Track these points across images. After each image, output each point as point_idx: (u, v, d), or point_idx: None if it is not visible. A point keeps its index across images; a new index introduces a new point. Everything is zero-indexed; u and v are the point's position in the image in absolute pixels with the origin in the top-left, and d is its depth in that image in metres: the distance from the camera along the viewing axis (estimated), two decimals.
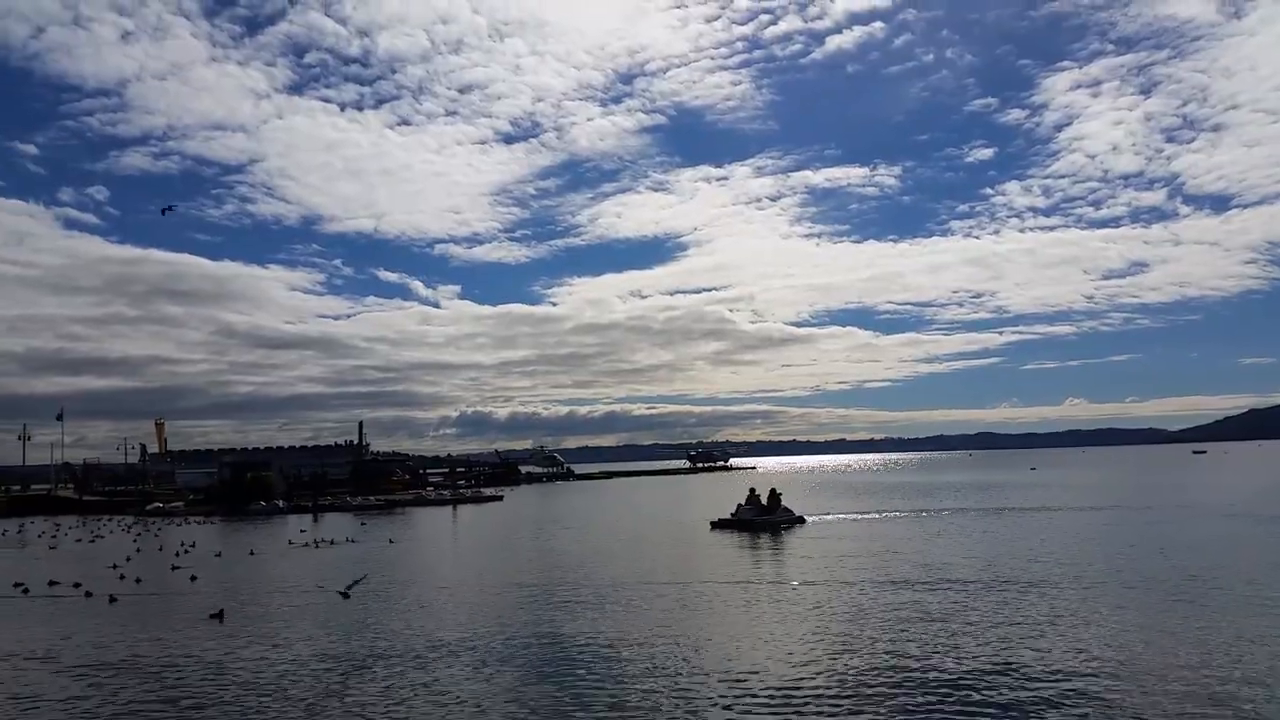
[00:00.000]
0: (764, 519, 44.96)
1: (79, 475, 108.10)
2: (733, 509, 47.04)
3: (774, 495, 47.19)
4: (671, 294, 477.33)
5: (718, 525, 45.69)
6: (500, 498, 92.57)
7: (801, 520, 46.32)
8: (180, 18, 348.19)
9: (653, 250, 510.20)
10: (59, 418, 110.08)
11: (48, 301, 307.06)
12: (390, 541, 46.12)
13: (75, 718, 14.87)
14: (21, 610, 26.52)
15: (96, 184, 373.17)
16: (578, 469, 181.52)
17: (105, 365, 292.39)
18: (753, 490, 48.32)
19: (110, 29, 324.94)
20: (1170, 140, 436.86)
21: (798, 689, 15.08)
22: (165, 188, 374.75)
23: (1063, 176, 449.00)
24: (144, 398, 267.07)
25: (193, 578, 31.17)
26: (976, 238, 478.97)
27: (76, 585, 30.28)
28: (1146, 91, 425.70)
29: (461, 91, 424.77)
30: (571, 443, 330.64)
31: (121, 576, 32.38)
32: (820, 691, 14.92)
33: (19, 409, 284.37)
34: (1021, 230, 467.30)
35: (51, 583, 31.11)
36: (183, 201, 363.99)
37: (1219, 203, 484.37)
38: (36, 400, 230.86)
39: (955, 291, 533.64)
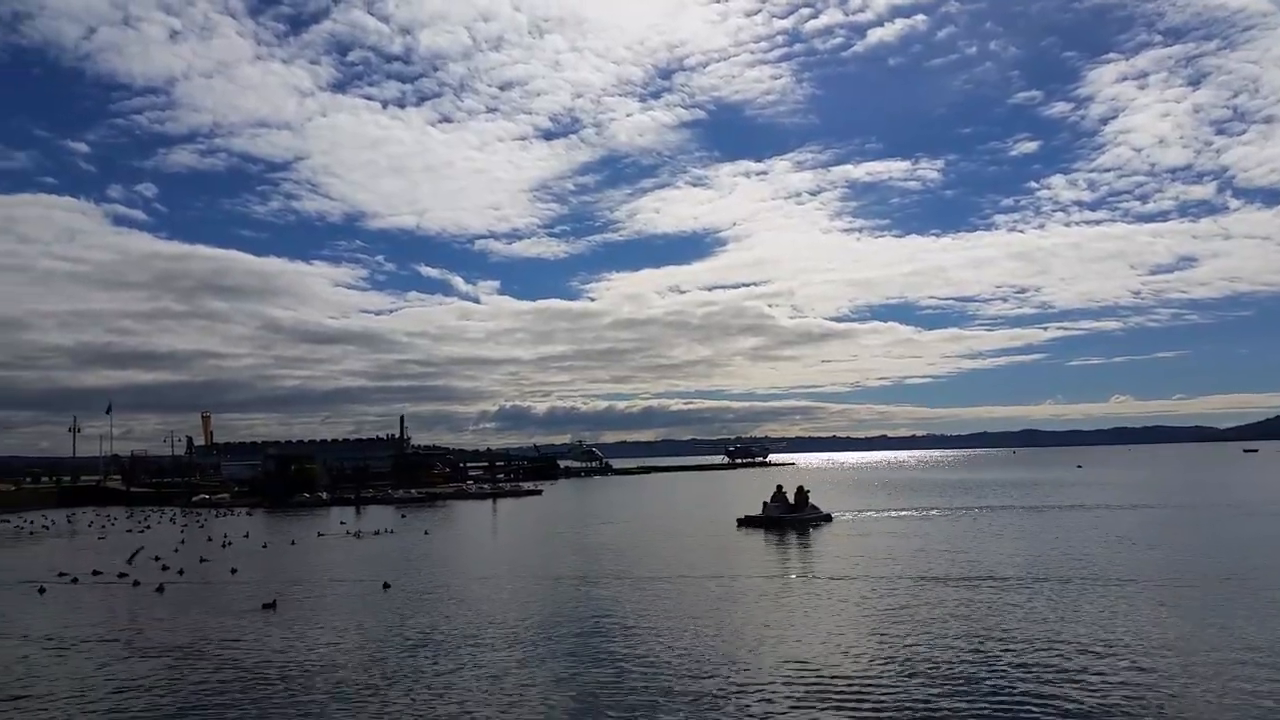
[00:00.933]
0: (791, 516, 44.48)
1: (127, 467, 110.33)
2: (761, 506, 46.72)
3: (801, 492, 46.58)
4: (710, 289, 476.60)
5: (745, 523, 45.26)
6: (539, 492, 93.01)
7: (828, 518, 45.79)
8: (226, 16, 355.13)
9: (691, 245, 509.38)
10: (108, 411, 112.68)
11: (98, 297, 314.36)
12: (425, 533, 46.78)
13: (150, 697, 15.34)
14: (77, 597, 27.18)
15: (145, 181, 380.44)
16: (615, 464, 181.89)
17: (153, 359, 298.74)
18: (779, 487, 47.75)
19: (159, 28, 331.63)
20: (1220, 133, 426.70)
21: (832, 684, 15.06)
22: (212, 184, 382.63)
23: (1109, 170, 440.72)
24: (191, 391, 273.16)
25: (233, 570, 31.41)
26: (1021, 232, 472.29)
27: (122, 575, 31.07)
28: (1195, 83, 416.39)
29: (502, 88, 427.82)
30: (609, 437, 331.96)
31: (164, 568, 32.93)
32: (862, 683, 14.90)
33: (69, 402, 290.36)
34: (1067, 224, 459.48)
35: (95, 572, 31.90)
36: (229, 198, 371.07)
37: (1271, 196, 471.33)
38: (87, 393, 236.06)
39: (999, 286, 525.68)
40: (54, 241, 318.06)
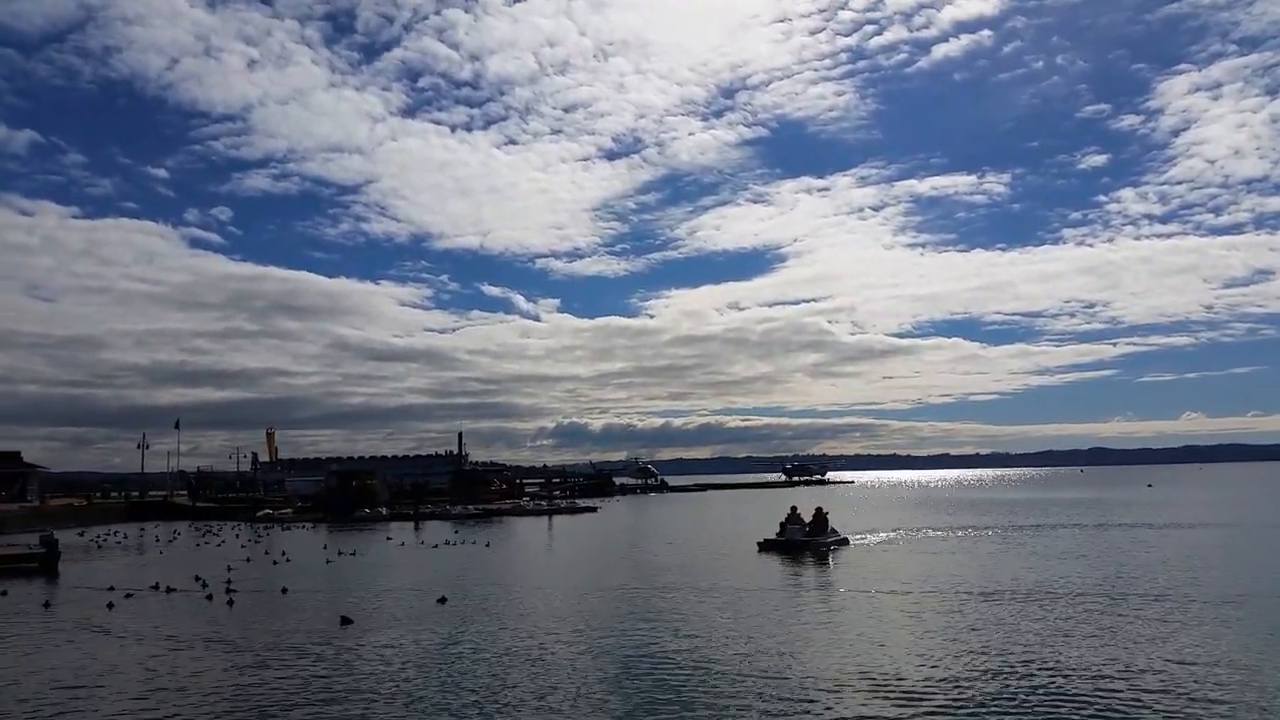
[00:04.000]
0: (808, 539, 41.14)
1: (193, 483, 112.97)
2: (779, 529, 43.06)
3: (819, 514, 43.23)
4: (770, 305, 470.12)
5: (765, 546, 41.64)
6: (595, 509, 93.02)
7: (845, 541, 42.74)
8: (303, 46, 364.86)
9: (751, 262, 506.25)
10: (176, 426, 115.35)
11: (173, 317, 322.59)
12: (487, 545, 47.05)
13: (235, 702, 15.74)
14: (158, 606, 27.77)
15: (220, 205, 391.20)
16: (671, 481, 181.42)
17: (224, 377, 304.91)
18: (794, 508, 44.21)
19: (238, 58, 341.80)
20: None
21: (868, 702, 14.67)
22: (285, 208, 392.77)
23: (1180, 183, 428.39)
24: (259, 408, 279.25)
25: (283, 590, 30.34)
26: (1090, 246, 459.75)
27: (202, 585, 31.77)
28: (1273, 92, 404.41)
29: (566, 110, 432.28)
30: (665, 454, 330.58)
31: (228, 585, 33.36)
32: (913, 701, 14.51)
33: (142, 419, 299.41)
34: (1137, 238, 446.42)
35: (169, 589, 32.53)
36: (301, 221, 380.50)
37: None
38: (159, 411, 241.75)
39: (1067, 301, 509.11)
40: (133, 263, 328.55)
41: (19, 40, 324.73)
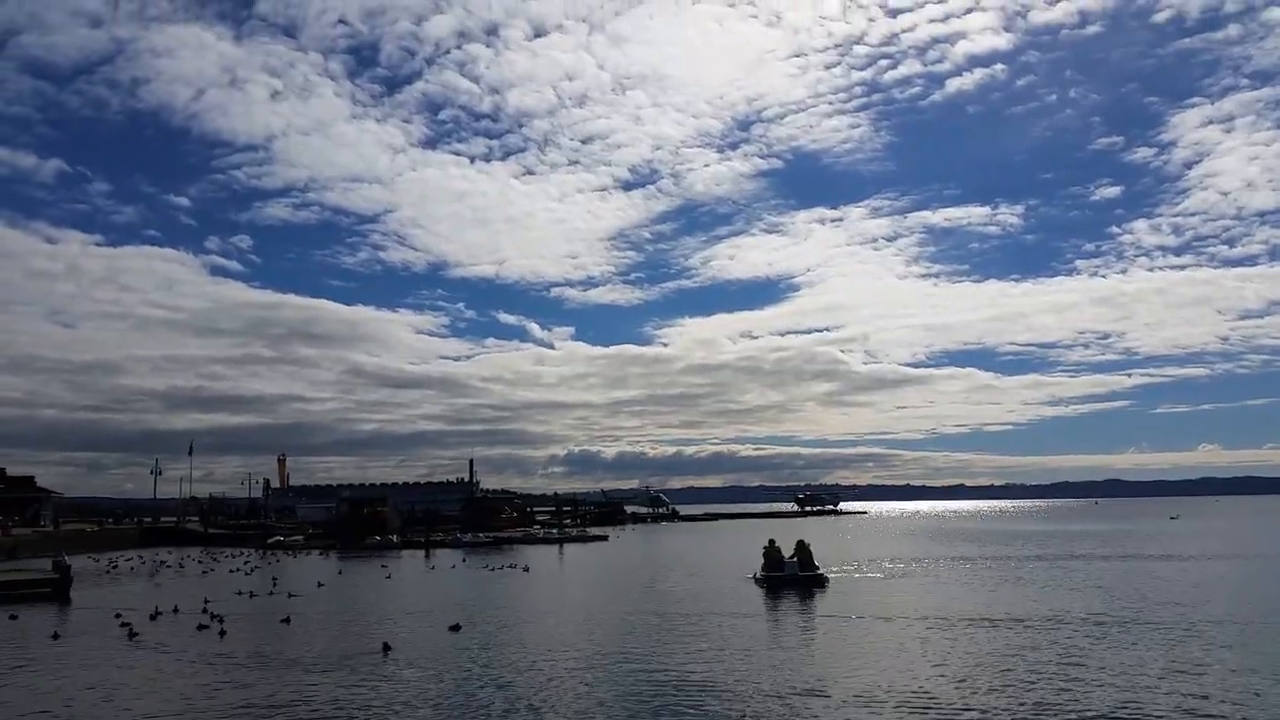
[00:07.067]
0: (790, 575, 38.57)
1: (205, 509, 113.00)
2: (761, 565, 40.76)
3: (802, 547, 40.39)
4: (783, 334, 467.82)
5: (759, 581, 39.38)
6: (605, 537, 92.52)
7: (821, 581, 38.30)
8: (326, 78, 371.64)
9: (764, 291, 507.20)
10: (190, 451, 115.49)
11: (190, 343, 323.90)
12: (525, 569, 46.62)
13: None
14: (168, 632, 27.67)
15: (241, 233, 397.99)
16: (683, 510, 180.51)
17: (240, 403, 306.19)
18: (772, 541, 41.64)
19: (262, 89, 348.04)
20: None
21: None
22: (304, 236, 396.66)
23: (1193, 214, 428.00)
24: (274, 434, 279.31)
25: (285, 619, 29.53)
26: (1104, 277, 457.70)
27: (213, 615, 31.59)
28: None
29: (584, 142, 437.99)
30: (676, 483, 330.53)
31: (215, 615, 33.22)
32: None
33: (157, 444, 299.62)
34: (1150, 269, 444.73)
35: (176, 607, 32.40)
36: (320, 249, 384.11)
37: None
38: (174, 436, 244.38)
39: (1081, 332, 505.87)
40: (154, 290, 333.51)
41: (53, 73, 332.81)
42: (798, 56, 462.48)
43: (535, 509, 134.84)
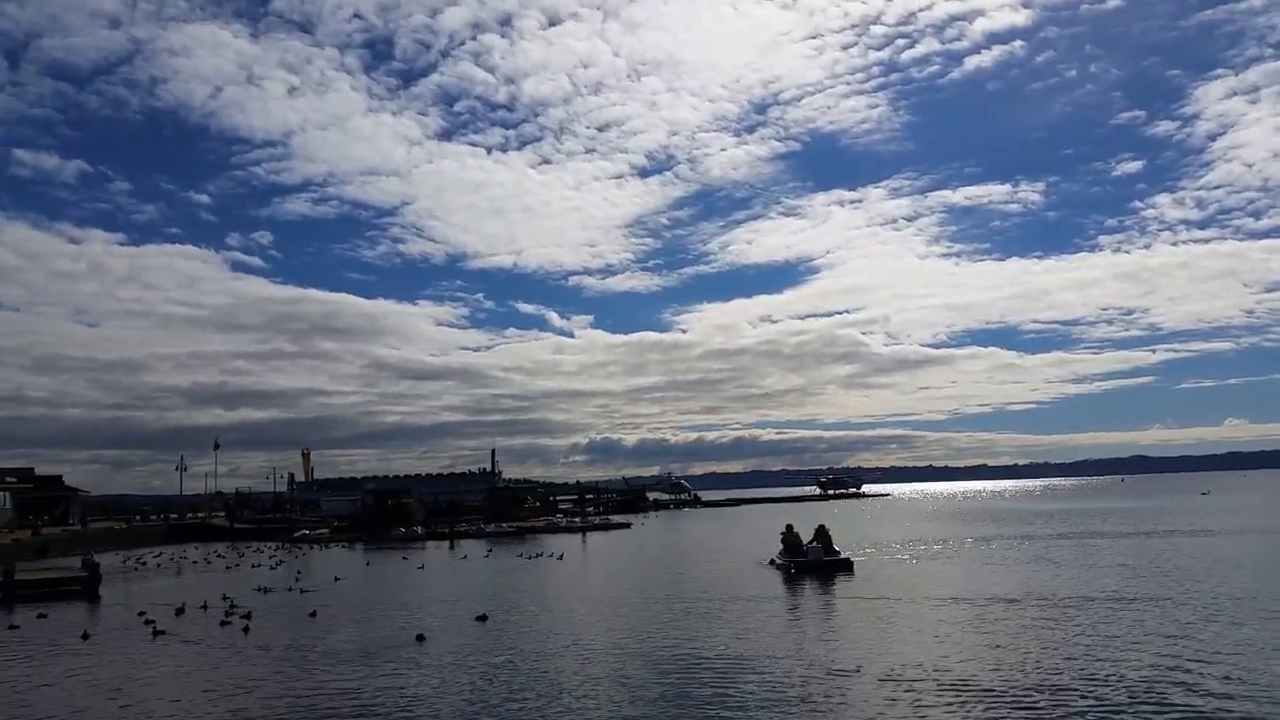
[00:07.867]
0: (815, 560, 37.95)
1: (230, 504, 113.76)
2: (779, 550, 40.52)
3: (822, 532, 40.01)
4: (802, 318, 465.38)
5: (781, 566, 38.89)
6: (628, 525, 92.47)
7: (848, 565, 37.80)
8: (342, 73, 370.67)
9: (783, 274, 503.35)
10: (215, 447, 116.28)
11: (213, 339, 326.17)
12: (560, 557, 47.05)
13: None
14: (195, 626, 27.75)
15: (261, 229, 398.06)
16: (705, 496, 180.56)
17: (263, 398, 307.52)
18: (790, 526, 41.23)
19: (279, 85, 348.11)
20: None
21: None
22: (324, 231, 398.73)
23: (1217, 187, 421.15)
24: (297, 428, 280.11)
25: (312, 614, 29.30)
26: (1127, 252, 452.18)
27: (230, 605, 31.63)
28: None
29: (600, 129, 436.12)
30: (698, 469, 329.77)
31: (240, 610, 33.29)
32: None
33: (182, 441, 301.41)
34: (1174, 244, 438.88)
35: (202, 604, 32.50)
36: (339, 244, 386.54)
37: None
38: (199, 432, 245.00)
39: (1104, 309, 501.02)
40: (176, 288, 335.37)
41: (73, 74, 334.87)
42: (814, 38, 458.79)
43: (558, 498, 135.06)
